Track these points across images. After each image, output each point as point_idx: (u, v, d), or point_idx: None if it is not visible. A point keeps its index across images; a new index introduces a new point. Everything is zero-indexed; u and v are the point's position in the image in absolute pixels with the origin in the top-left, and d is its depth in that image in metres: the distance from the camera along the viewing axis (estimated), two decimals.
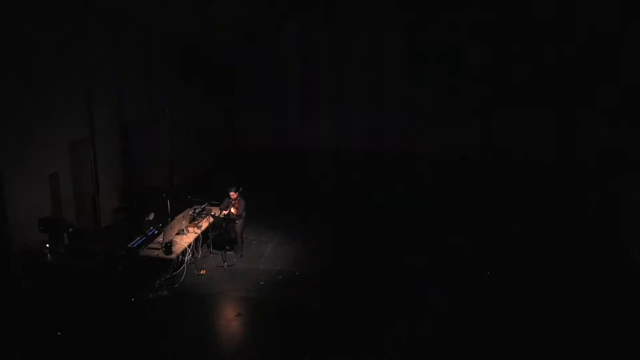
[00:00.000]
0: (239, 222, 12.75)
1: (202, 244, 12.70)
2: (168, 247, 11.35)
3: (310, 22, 20.44)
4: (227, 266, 12.36)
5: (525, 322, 10.29)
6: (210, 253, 12.90)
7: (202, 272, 12.12)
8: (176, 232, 12.10)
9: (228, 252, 12.75)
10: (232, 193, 12.63)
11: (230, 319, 10.51)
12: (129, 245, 11.79)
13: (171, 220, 12.34)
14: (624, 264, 12.68)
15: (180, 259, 11.70)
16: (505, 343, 9.71)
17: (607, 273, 12.27)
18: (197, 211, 12.99)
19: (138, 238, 12.04)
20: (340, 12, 20.11)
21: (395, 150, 20.77)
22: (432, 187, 18.39)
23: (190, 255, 12.08)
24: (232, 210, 12.63)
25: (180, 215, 12.46)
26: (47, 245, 10.84)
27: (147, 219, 12.61)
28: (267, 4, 19.57)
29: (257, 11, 19.37)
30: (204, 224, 12.69)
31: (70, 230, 11.34)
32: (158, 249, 11.51)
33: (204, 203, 13.24)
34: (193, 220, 12.64)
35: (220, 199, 12.99)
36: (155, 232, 12.18)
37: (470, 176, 19.39)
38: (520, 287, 11.65)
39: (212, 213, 12.83)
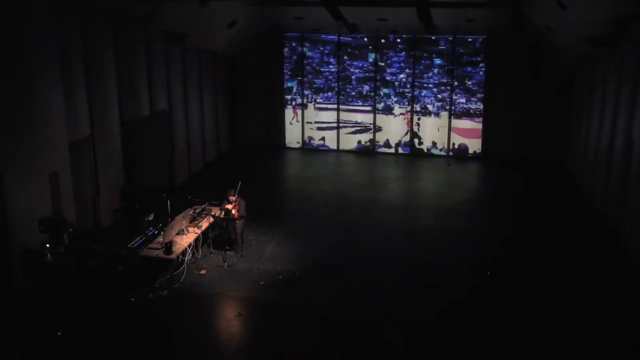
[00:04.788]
0: (239, 222, 12.74)
1: (202, 244, 12.70)
2: (168, 247, 11.35)
3: None
4: (227, 266, 12.35)
5: (524, 322, 10.30)
6: (210, 253, 12.89)
7: (202, 272, 12.11)
8: (176, 232, 12.09)
9: (228, 252, 12.74)
10: (231, 196, 12.61)
11: (230, 319, 10.51)
12: (129, 245, 11.80)
13: (171, 220, 12.35)
14: (624, 263, 12.68)
15: (180, 259, 11.70)
16: (504, 343, 9.72)
17: (607, 273, 12.28)
18: (197, 211, 12.99)
19: (138, 238, 12.06)
20: None
21: None
22: None
23: (190, 255, 12.08)
24: (234, 212, 12.62)
25: (180, 215, 12.46)
26: (47, 245, 10.82)
27: (146, 219, 12.61)
28: None
29: None
30: (204, 224, 12.69)
31: (70, 230, 11.33)
32: (158, 249, 11.51)
33: (204, 203, 13.24)
34: (193, 220, 12.63)
35: (220, 199, 13.00)
36: (155, 232, 12.18)
37: None
38: (520, 287, 11.67)
39: (212, 213, 12.82)
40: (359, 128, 23.46)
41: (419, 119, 22.91)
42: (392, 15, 19.39)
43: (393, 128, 23.21)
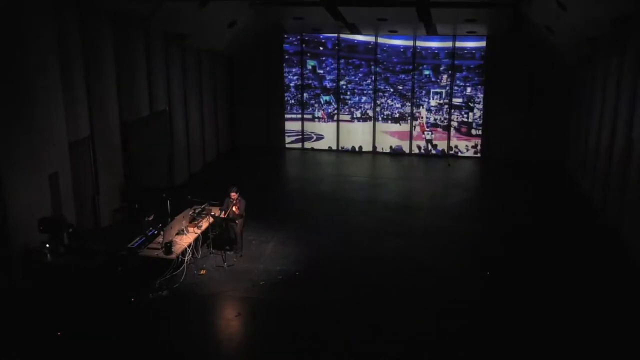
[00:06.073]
0: (239, 222, 12.75)
1: (202, 244, 12.70)
2: (168, 247, 11.36)
3: None
4: (227, 266, 12.35)
5: (524, 322, 10.30)
6: (210, 253, 12.89)
7: (202, 272, 12.11)
8: (176, 232, 12.10)
9: (228, 252, 12.75)
10: (232, 194, 12.62)
11: (230, 319, 10.51)
12: (129, 245, 11.80)
13: (171, 220, 12.34)
14: (624, 264, 12.69)
15: (180, 259, 11.70)
16: (504, 343, 9.72)
17: (607, 273, 12.28)
18: (197, 211, 12.99)
19: (138, 238, 12.06)
20: None
21: None
22: None
23: (190, 255, 12.08)
24: (234, 209, 12.63)
25: (180, 215, 12.47)
26: (47, 245, 10.83)
27: (146, 219, 12.61)
28: None
29: None
30: (204, 224, 12.69)
31: (70, 230, 11.34)
32: (158, 249, 11.51)
33: (204, 203, 13.24)
34: (193, 220, 12.64)
35: (220, 199, 13.00)
36: (155, 232, 12.18)
37: None
38: (519, 287, 11.67)
39: (212, 213, 12.82)
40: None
41: (428, 128, 23.11)
42: (392, 15, 19.39)
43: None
